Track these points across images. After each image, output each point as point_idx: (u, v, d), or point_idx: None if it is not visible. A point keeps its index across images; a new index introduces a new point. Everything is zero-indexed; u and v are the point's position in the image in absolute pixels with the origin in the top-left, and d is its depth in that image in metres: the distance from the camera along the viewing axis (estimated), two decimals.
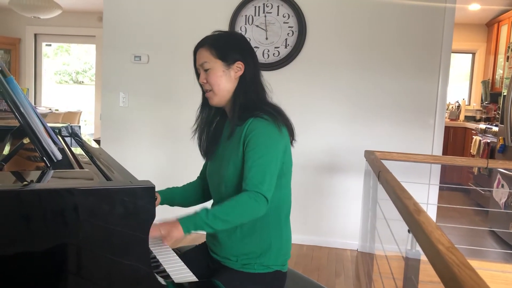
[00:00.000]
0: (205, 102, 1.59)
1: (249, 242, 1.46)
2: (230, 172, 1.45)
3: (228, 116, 1.57)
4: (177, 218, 1.34)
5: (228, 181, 1.46)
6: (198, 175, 1.76)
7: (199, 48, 1.53)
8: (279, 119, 1.47)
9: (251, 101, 1.49)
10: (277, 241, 1.49)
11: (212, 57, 1.49)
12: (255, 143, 1.41)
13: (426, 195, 3.34)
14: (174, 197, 1.67)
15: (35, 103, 7.13)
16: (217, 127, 1.60)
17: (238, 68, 1.50)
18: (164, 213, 1.54)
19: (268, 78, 1.60)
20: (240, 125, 1.47)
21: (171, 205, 1.68)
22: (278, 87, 1.69)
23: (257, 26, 3.42)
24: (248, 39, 1.63)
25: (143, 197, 1.06)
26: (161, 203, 1.64)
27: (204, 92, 1.56)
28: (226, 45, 1.50)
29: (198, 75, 1.56)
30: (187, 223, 1.33)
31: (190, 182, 1.75)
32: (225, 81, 1.50)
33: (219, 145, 1.57)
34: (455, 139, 5.98)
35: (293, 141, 1.55)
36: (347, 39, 3.35)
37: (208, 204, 1.61)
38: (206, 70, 1.50)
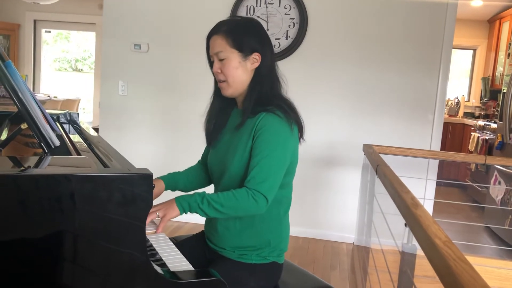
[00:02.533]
0: (218, 92, 1.53)
1: (247, 236, 1.45)
2: (235, 163, 1.42)
3: (237, 105, 1.52)
4: (174, 197, 1.36)
5: (232, 173, 1.43)
6: (199, 159, 1.73)
7: (213, 35, 1.44)
8: (292, 116, 1.42)
9: (265, 94, 1.43)
10: (276, 236, 1.48)
11: (228, 46, 1.41)
12: (264, 140, 1.37)
13: (423, 190, 3.34)
14: (177, 182, 1.64)
15: (33, 90, 7.10)
16: (225, 115, 1.55)
17: (254, 60, 1.43)
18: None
19: None
20: (251, 117, 1.42)
21: (174, 190, 1.65)
22: None
23: (258, 17, 3.40)
24: None
25: (141, 185, 1.06)
26: (165, 189, 1.62)
27: (216, 81, 1.50)
28: (244, 34, 1.42)
29: (210, 62, 1.49)
30: (183, 203, 1.34)
31: (191, 167, 1.72)
32: (241, 72, 1.43)
33: (224, 133, 1.53)
34: (454, 135, 5.99)
35: (301, 139, 1.50)
36: (348, 33, 3.34)
37: (210, 189, 1.60)
38: (221, 60, 1.43)
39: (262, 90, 1.44)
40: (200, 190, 1.43)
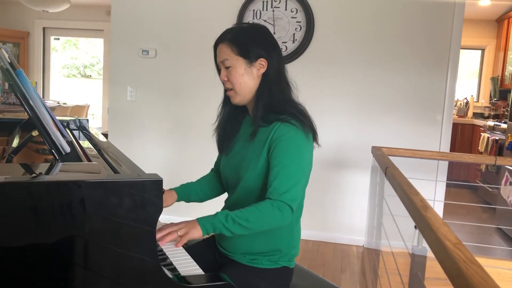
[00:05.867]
0: (227, 100, 1.52)
1: (258, 242, 1.44)
2: (249, 174, 1.41)
3: (249, 113, 1.51)
4: (196, 219, 1.32)
5: (247, 183, 1.42)
6: (212, 167, 1.72)
7: (219, 43, 1.45)
8: (306, 123, 1.40)
9: (276, 101, 1.42)
10: (287, 244, 1.47)
11: (233, 54, 1.41)
12: (282, 150, 1.35)
13: (433, 191, 3.32)
14: (190, 193, 1.63)
15: (43, 97, 7.17)
16: (237, 122, 1.54)
17: (260, 66, 1.42)
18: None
19: None
20: (264, 126, 1.41)
21: (188, 201, 1.65)
22: None
23: (265, 21, 3.41)
24: None
25: (151, 190, 1.07)
26: (178, 200, 1.61)
27: (225, 90, 1.49)
28: (248, 41, 1.42)
29: (219, 70, 1.48)
30: (206, 224, 1.30)
31: (204, 176, 1.71)
32: (248, 79, 1.42)
33: (236, 141, 1.52)
34: (463, 136, 5.95)
35: (316, 144, 1.48)
36: (355, 35, 3.34)
37: (223, 197, 1.60)
38: (227, 68, 1.43)
39: (272, 96, 1.42)
40: (214, 200, 1.41)
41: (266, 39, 1.46)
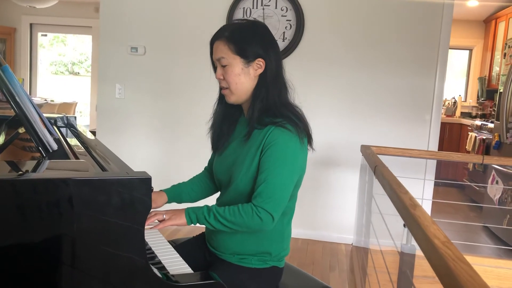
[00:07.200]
0: (222, 98, 1.49)
1: (248, 244, 1.43)
2: (241, 177, 1.39)
3: (244, 113, 1.48)
4: (185, 208, 1.37)
5: (238, 185, 1.40)
6: (206, 166, 1.70)
7: (215, 40, 1.40)
8: (301, 127, 1.38)
9: (272, 103, 1.39)
10: (278, 246, 1.47)
11: (230, 52, 1.37)
12: (272, 156, 1.33)
13: (421, 190, 3.35)
14: (181, 193, 1.61)
15: (30, 94, 7.08)
16: (232, 121, 1.51)
17: (258, 66, 1.39)
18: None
19: None
20: (259, 129, 1.38)
21: (179, 202, 1.63)
22: None
23: (254, 19, 3.40)
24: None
25: (139, 188, 1.06)
26: (169, 202, 1.59)
27: (220, 88, 1.46)
28: (246, 39, 1.38)
29: (215, 68, 1.44)
30: (191, 214, 1.35)
31: (196, 175, 1.69)
32: (244, 79, 1.39)
33: (231, 141, 1.50)
34: (451, 135, 6.00)
35: (310, 148, 1.48)
36: (344, 34, 3.34)
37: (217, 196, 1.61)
38: (223, 66, 1.39)
39: (269, 98, 1.39)
40: (208, 199, 1.42)
41: (265, 38, 1.41)
